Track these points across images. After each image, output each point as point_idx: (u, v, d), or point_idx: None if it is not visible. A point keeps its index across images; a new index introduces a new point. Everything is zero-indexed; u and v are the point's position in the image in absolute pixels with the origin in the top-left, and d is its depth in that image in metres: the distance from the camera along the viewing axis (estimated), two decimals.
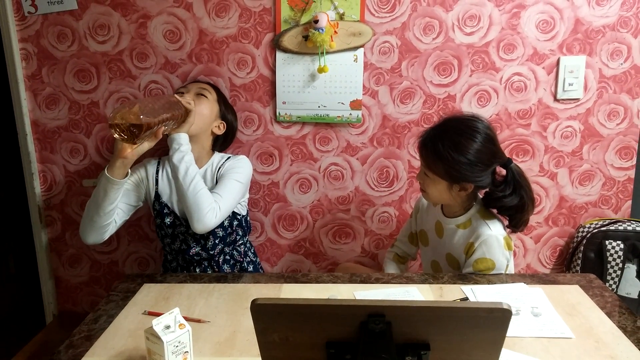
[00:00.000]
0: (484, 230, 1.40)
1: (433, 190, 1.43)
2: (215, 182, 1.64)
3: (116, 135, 1.34)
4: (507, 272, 1.44)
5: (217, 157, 1.71)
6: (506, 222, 1.45)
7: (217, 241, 1.65)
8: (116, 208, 1.53)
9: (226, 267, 1.70)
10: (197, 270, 1.68)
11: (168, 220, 1.65)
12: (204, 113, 1.63)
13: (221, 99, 1.73)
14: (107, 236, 1.55)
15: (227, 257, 1.71)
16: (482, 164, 1.36)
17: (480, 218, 1.43)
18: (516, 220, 1.40)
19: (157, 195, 1.65)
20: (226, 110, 1.73)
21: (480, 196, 1.49)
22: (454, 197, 1.43)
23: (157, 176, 1.67)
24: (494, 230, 1.39)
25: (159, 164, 1.70)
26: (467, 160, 1.34)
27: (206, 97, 1.66)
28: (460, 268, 1.48)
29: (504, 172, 1.41)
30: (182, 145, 1.51)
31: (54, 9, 1.78)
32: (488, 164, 1.37)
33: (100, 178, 1.48)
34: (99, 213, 1.49)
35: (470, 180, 1.37)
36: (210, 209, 1.48)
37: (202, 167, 1.66)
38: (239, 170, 1.64)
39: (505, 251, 1.40)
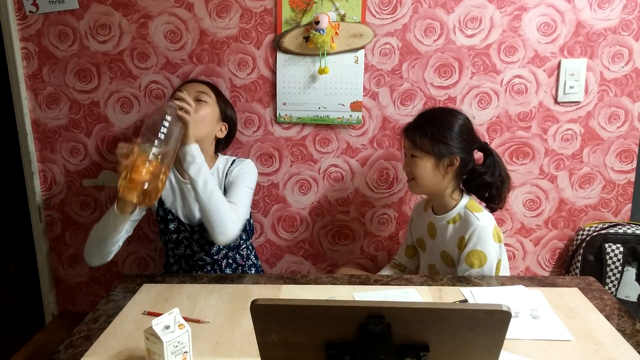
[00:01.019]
0: (472, 221, 1.45)
1: (422, 172, 1.48)
2: (223, 188, 1.62)
3: (134, 201, 1.29)
4: (500, 268, 1.48)
5: (222, 160, 1.68)
6: (484, 205, 1.53)
7: (221, 246, 1.64)
8: (124, 234, 1.52)
9: (229, 271, 1.69)
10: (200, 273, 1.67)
11: (172, 226, 1.63)
12: (206, 120, 1.58)
13: (220, 99, 1.69)
14: (111, 257, 1.53)
15: (230, 261, 1.70)
16: (465, 135, 1.48)
17: (469, 210, 1.48)
18: (496, 197, 1.51)
19: (161, 202, 1.63)
20: (226, 109, 1.70)
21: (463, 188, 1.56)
22: (442, 176, 1.48)
23: None
24: (482, 221, 1.44)
25: None
26: (451, 131, 1.46)
27: (206, 101, 1.61)
28: (455, 265, 1.50)
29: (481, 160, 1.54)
30: (196, 157, 1.45)
31: (55, 8, 1.79)
32: (469, 139, 1.50)
33: (109, 212, 1.45)
34: (107, 242, 1.48)
35: (455, 152, 1.46)
36: (232, 221, 1.45)
37: None
38: (248, 175, 1.63)
39: (495, 243, 1.44)
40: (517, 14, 1.74)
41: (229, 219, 1.44)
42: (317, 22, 1.69)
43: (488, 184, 1.49)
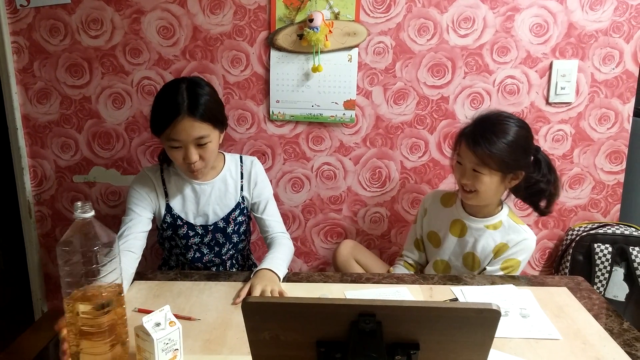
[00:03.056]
0: (520, 233, 1.47)
1: (487, 188, 1.41)
2: (240, 187, 1.58)
3: None
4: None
5: (230, 160, 1.59)
6: (529, 211, 1.55)
7: (230, 247, 1.62)
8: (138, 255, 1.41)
9: (234, 270, 1.67)
10: None
11: (181, 232, 1.55)
12: (214, 153, 1.46)
13: (217, 120, 1.43)
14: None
15: (234, 261, 1.67)
16: (528, 147, 1.43)
17: (513, 221, 1.49)
18: (548, 203, 1.47)
19: (169, 208, 1.53)
20: (223, 124, 1.49)
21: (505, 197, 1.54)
22: (501, 191, 1.46)
23: (166, 188, 1.53)
24: (529, 235, 1.48)
25: (162, 172, 1.54)
26: (519, 146, 1.40)
27: (208, 141, 1.41)
28: (479, 268, 1.51)
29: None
30: (280, 276, 1.38)
31: (46, 2, 1.77)
32: (530, 149, 1.44)
33: None
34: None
35: (522, 167, 1.42)
36: (291, 246, 1.58)
37: (218, 174, 1.55)
38: (268, 184, 1.63)
39: (528, 258, 1.50)
40: (510, 15, 1.75)
41: (292, 249, 1.59)
42: (311, 20, 1.69)
43: (542, 190, 1.45)
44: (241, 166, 1.60)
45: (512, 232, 1.48)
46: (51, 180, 1.94)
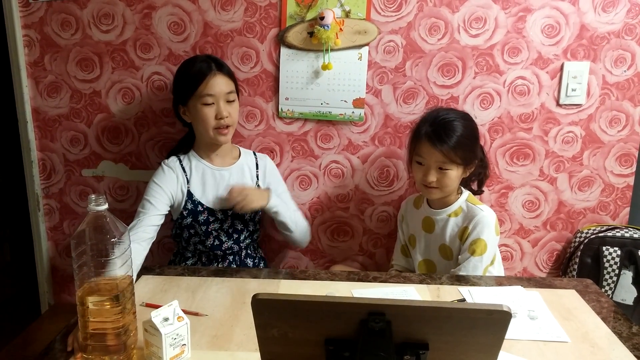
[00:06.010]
0: (476, 212, 1.51)
1: (451, 182, 1.50)
2: (257, 176, 1.71)
3: None
4: (494, 262, 1.54)
5: (245, 152, 1.74)
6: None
7: (247, 234, 1.69)
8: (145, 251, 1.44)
9: (249, 261, 1.71)
10: (222, 265, 1.68)
11: (202, 218, 1.60)
12: (237, 114, 1.63)
13: (235, 81, 1.66)
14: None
15: (249, 251, 1.73)
16: (478, 137, 1.57)
17: (471, 203, 1.54)
18: (481, 183, 1.65)
19: (190, 194, 1.60)
20: (238, 92, 1.68)
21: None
22: (459, 180, 1.53)
23: (187, 175, 1.62)
24: (486, 212, 1.51)
25: (180, 160, 1.64)
26: (474, 139, 1.53)
27: (234, 100, 1.61)
28: (453, 257, 1.54)
29: None
30: (279, 208, 1.63)
31: None
32: (478, 137, 1.59)
33: None
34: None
35: (478, 157, 1.55)
36: (308, 228, 1.75)
37: (236, 161, 1.69)
38: (282, 180, 1.80)
39: (495, 235, 1.51)
40: (522, 15, 1.74)
41: (308, 229, 1.74)
42: (322, 18, 1.69)
43: (479, 173, 1.61)
44: (256, 158, 1.72)
45: (470, 214, 1.53)
46: (60, 173, 1.95)
